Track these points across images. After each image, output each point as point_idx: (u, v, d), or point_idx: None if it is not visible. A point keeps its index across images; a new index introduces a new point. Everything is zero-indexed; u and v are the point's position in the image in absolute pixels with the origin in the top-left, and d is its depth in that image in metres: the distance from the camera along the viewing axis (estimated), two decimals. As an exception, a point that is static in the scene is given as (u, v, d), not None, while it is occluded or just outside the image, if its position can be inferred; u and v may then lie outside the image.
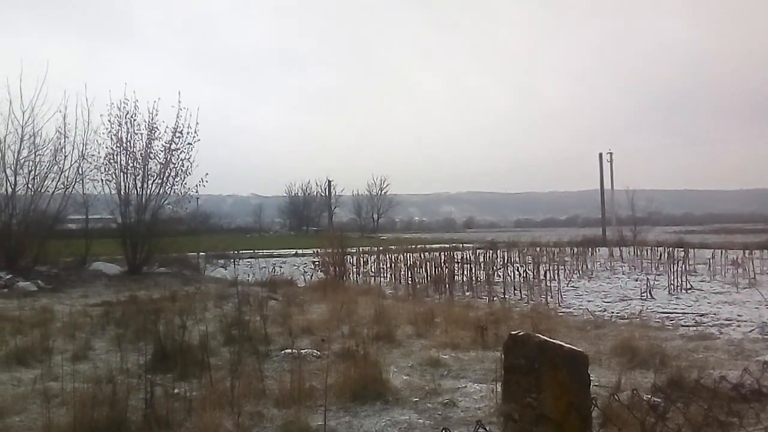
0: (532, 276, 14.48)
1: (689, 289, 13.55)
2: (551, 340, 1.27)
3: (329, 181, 69.44)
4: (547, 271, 14.57)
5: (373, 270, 19.34)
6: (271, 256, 29.35)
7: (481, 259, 18.18)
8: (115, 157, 18.93)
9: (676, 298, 12.40)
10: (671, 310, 10.62)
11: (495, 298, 12.38)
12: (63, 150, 17.90)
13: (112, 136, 18.86)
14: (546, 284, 13.21)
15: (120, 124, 18.87)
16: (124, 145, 18.96)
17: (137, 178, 19.14)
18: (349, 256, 18.88)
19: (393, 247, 23.04)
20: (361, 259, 20.10)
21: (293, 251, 31.48)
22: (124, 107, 18.83)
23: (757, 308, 10.59)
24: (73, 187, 18.36)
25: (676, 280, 13.87)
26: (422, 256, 18.42)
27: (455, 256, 17.88)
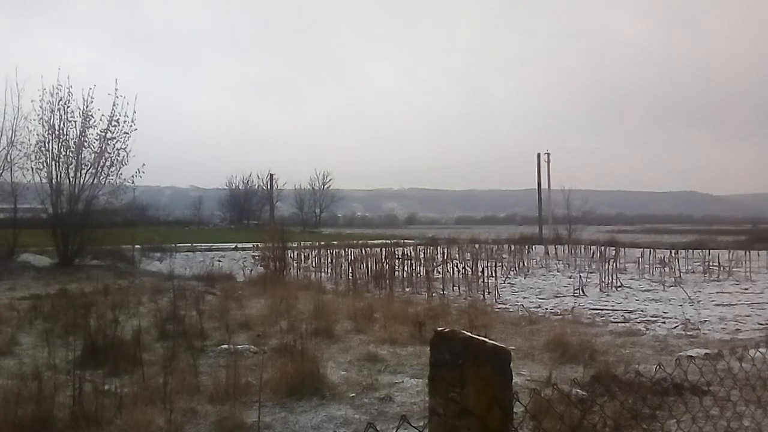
0: (470, 272, 14.73)
1: (619, 286, 14.09)
2: (476, 336, 1.32)
3: (271, 175, 68.31)
4: (485, 268, 14.85)
5: (313, 265, 19.26)
6: (210, 249, 28.77)
7: (422, 256, 18.38)
8: (46, 144, 18.43)
9: (607, 295, 12.87)
10: (602, 307, 11.03)
11: (434, 294, 12.54)
12: (-10, 136, 17.15)
13: (44, 123, 18.35)
14: (484, 281, 13.48)
15: (52, 111, 18.36)
16: (57, 132, 18.43)
17: (70, 167, 18.62)
18: (290, 251, 18.74)
19: (335, 242, 22.99)
20: (302, 254, 19.98)
21: (233, 245, 30.94)
22: (57, 93, 18.30)
23: (681, 305, 11.09)
24: (1, 175, 17.67)
25: (607, 277, 14.39)
26: (363, 251, 18.47)
27: (396, 252, 18.01)
